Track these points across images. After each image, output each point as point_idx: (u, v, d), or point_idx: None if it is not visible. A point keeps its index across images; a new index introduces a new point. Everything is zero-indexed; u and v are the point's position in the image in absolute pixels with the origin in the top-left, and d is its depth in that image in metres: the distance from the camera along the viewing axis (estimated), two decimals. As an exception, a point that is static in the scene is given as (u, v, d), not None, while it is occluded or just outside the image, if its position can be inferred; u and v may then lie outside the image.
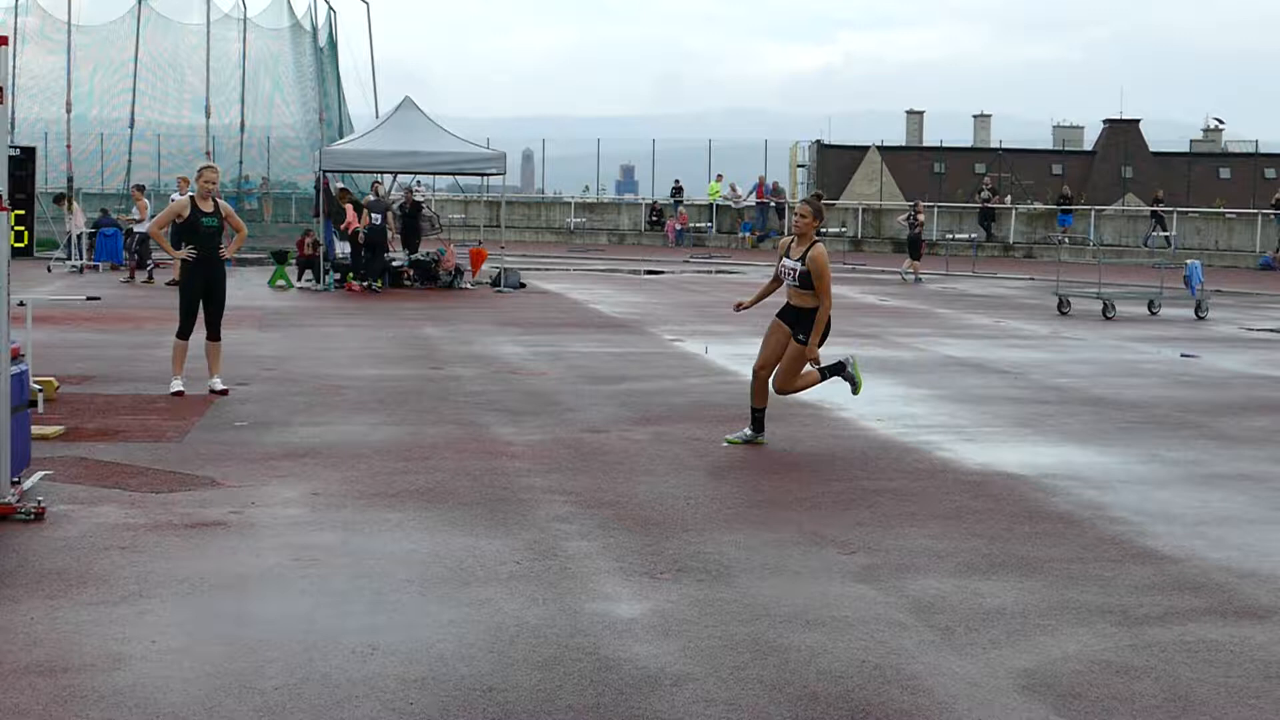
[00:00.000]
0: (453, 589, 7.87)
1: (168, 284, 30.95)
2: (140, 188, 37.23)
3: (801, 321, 12.35)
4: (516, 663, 6.65)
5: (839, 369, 12.67)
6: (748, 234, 55.75)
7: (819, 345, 12.35)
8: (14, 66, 38.57)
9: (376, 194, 32.60)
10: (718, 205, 57.95)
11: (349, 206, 32.15)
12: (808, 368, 12.42)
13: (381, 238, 31.32)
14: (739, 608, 7.59)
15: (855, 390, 12.85)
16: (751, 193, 57.74)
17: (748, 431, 12.53)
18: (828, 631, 7.19)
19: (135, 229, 34.36)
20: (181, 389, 14.64)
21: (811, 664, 6.69)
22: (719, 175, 59.23)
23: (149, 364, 17.24)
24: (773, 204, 56.99)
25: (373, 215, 31.12)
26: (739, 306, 13.34)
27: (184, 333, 14.82)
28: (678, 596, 7.79)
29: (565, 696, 6.22)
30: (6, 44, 9.59)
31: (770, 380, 12.48)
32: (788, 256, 12.47)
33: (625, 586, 7.98)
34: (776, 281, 12.77)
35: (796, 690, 6.34)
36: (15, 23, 46.10)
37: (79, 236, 36.50)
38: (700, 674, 6.52)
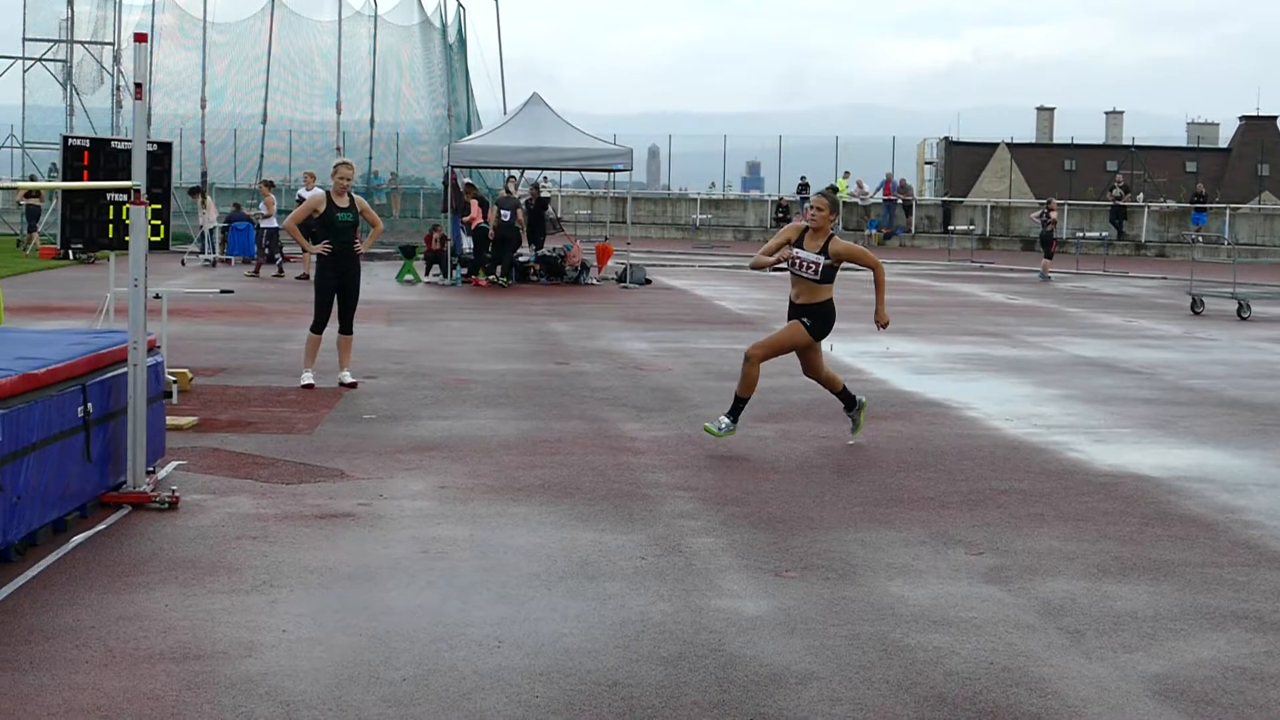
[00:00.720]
0: (578, 583, 7.89)
1: (297, 278, 31.37)
2: (268, 183, 37.74)
3: (806, 313, 12.16)
4: (642, 658, 6.65)
5: (852, 403, 12.50)
6: (874, 231, 55.41)
7: (825, 334, 12.32)
8: (151, 63, 39.28)
9: (508, 191, 32.79)
10: (844, 202, 57.67)
11: (474, 202, 32.38)
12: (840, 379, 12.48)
13: (512, 233, 31.50)
14: (865, 607, 7.55)
15: (854, 430, 12.52)
16: (878, 190, 57.40)
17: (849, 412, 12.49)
18: (955, 632, 7.12)
19: (262, 223, 34.83)
20: (311, 381, 14.82)
21: (939, 665, 6.63)
22: (846, 172, 58.95)
23: (279, 357, 17.47)
24: (900, 201, 56.61)
25: (502, 211, 31.31)
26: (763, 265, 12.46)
27: (318, 326, 14.98)
28: (803, 594, 7.75)
29: (690, 693, 6.21)
30: (145, 41, 9.76)
31: (808, 373, 12.47)
32: (801, 247, 12.05)
33: (750, 583, 7.96)
34: (773, 252, 12.23)
35: (924, 691, 6.29)
36: (153, 20, 46.91)
37: (211, 230, 37.07)
38: (826, 673, 6.49)
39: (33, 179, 42.30)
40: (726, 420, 12.01)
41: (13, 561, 8.00)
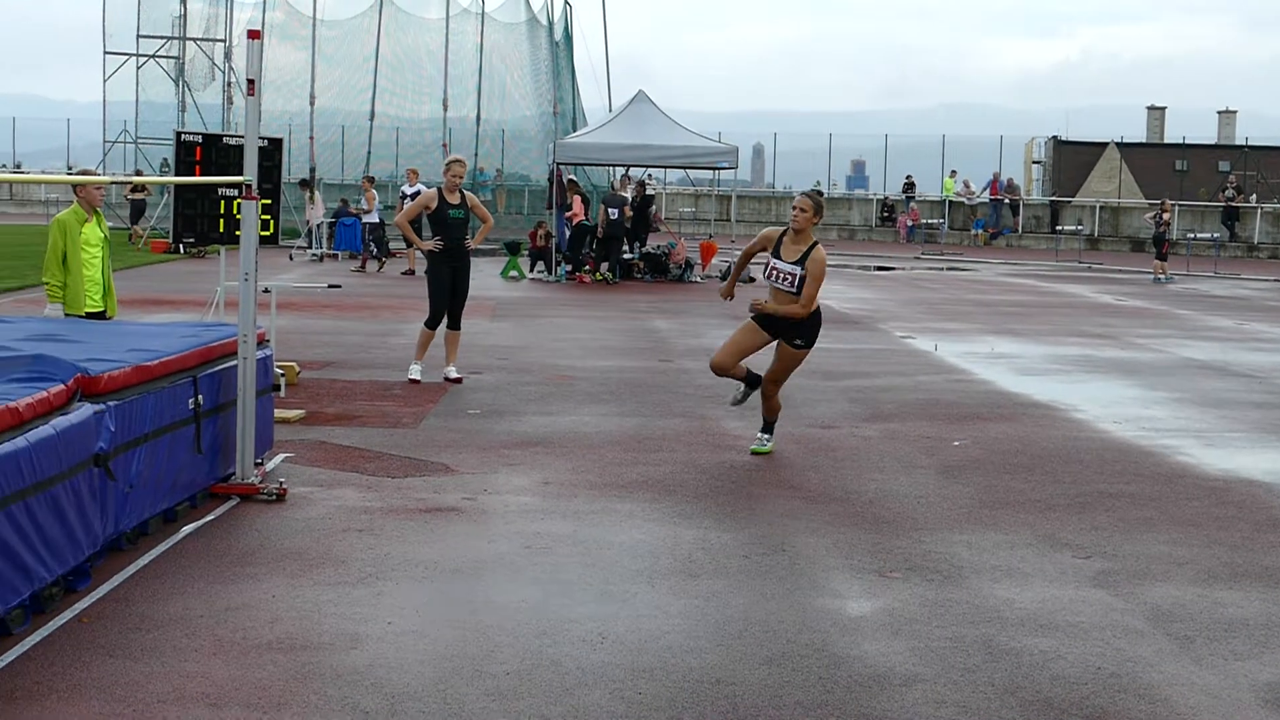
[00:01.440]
0: (681, 581, 7.89)
1: (402, 274, 31.59)
2: (370, 179, 38.01)
3: (791, 326, 11.32)
4: (745, 657, 6.64)
5: (755, 382, 11.71)
6: (981, 231, 54.96)
7: (814, 344, 11.55)
8: (262, 60, 39.66)
9: (613, 188, 32.84)
10: (950, 201, 57.24)
11: (576, 198, 32.47)
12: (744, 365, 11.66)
13: (619, 231, 31.56)
14: (970, 609, 7.49)
15: (737, 401, 12.01)
16: (985, 189, 56.91)
17: (743, 389, 11.84)
18: (1062, 637, 7.04)
19: (364, 219, 35.11)
20: (418, 376, 14.91)
21: (1045, 669, 6.56)
22: (953, 171, 58.50)
23: (385, 351, 17.60)
24: (1006, 201, 56.11)
25: (610, 209, 31.38)
26: (728, 295, 12.47)
27: (433, 322, 15.05)
28: (907, 595, 7.71)
29: (793, 692, 6.19)
30: (259, 38, 9.87)
31: (763, 388, 11.62)
32: (779, 257, 11.20)
33: (854, 584, 7.92)
34: (746, 257, 12.01)
35: (1029, 695, 6.23)
36: (264, 18, 47.43)
37: (318, 226, 37.42)
38: (930, 675, 6.44)
39: (139, 173, 42.88)
40: (765, 436, 11.67)
41: (124, 550, 8.12)
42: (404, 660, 6.49)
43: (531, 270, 33.17)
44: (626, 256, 32.44)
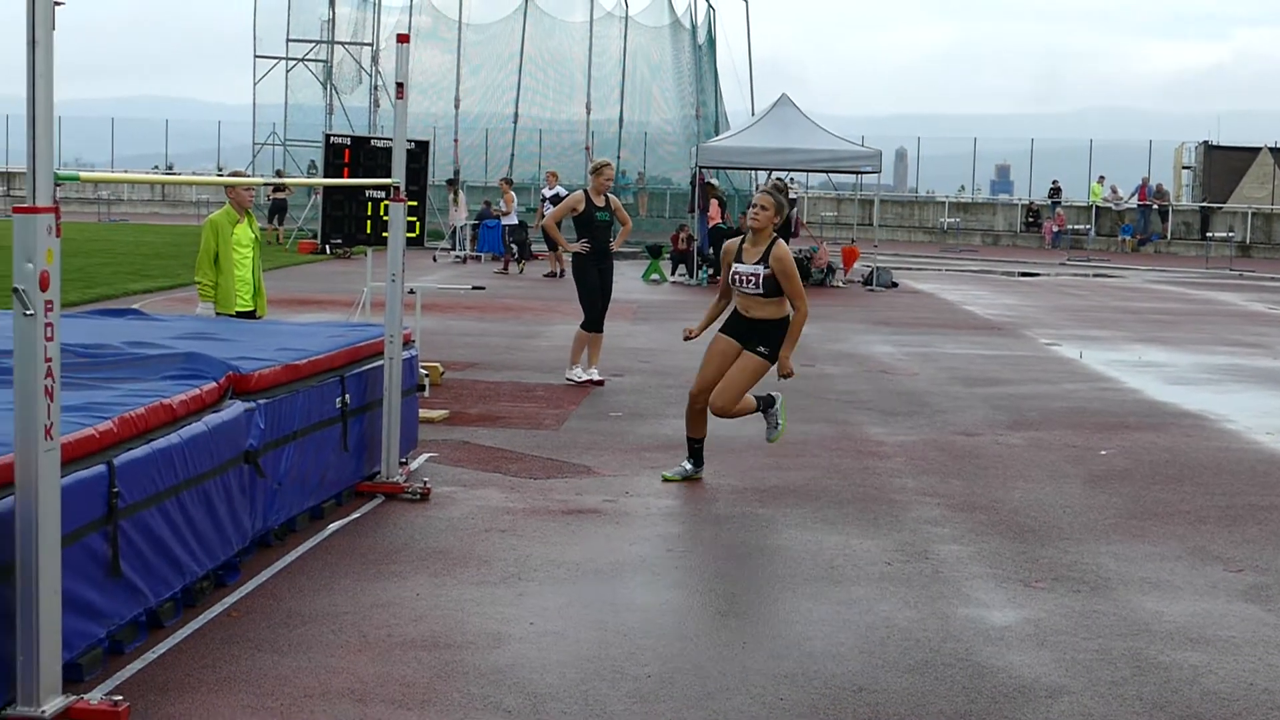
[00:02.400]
0: (824, 587, 7.84)
1: (545, 276, 31.78)
2: (508, 181, 38.34)
3: (759, 333, 10.33)
4: (887, 664, 6.58)
5: (769, 403, 10.70)
6: (1128, 237, 54.11)
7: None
8: (409, 63, 40.10)
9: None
10: (1098, 207, 56.43)
11: (714, 201, 32.49)
12: (749, 394, 10.47)
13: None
14: (1117, 621, 7.36)
15: (772, 435, 10.77)
16: (1133, 195, 56.02)
17: (687, 466, 10.52)
18: (1213, 651, 6.90)
19: (504, 221, 35.38)
20: (578, 378, 14.96)
21: (1195, 684, 6.44)
22: (1100, 177, 57.63)
23: (528, 353, 17.72)
24: (1155, 207, 55.19)
25: (752, 215, 31.41)
26: (689, 335, 10.85)
27: (591, 324, 15.10)
28: (1053, 606, 7.60)
29: (936, 701, 6.13)
30: (407, 41, 9.97)
31: (710, 401, 10.39)
32: (740, 261, 10.29)
33: (999, 593, 7.83)
34: (725, 298, 10.64)
35: (1179, 710, 6.11)
36: (410, 22, 47.97)
37: (461, 227, 37.77)
38: (1076, 687, 6.35)
39: (279, 174, 43.53)
40: (688, 464, 10.49)
41: (272, 546, 8.24)
42: (546, 660, 6.52)
43: (673, 273, 33.21)
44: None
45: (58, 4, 5.09)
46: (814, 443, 12.20)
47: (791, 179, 41.04)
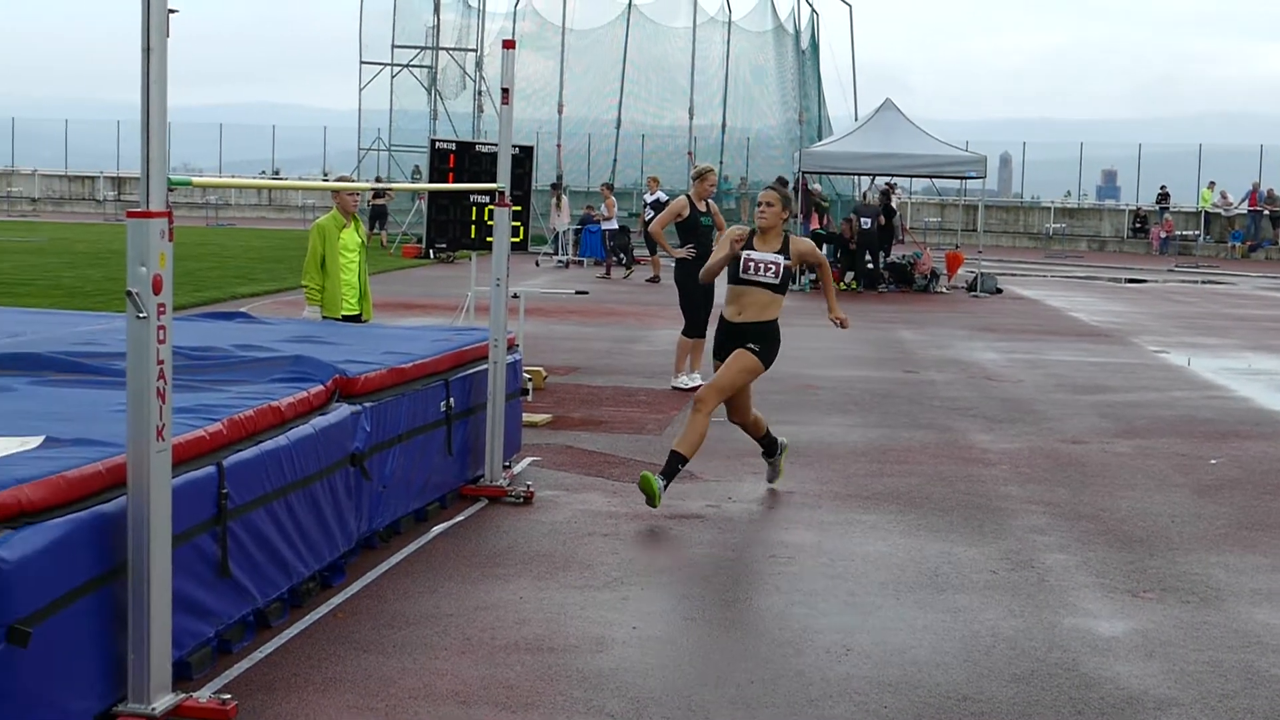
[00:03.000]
0: (928, 594, 7.79)
1: (646, 281, 31.81)
2: (608, 186, 38.38)
3: (750, 336, 9.97)
4: (992, 673, 6.53)
5: (774, 449, 10.45)
6: (1238, 243, 53.33)
7: (773, 362, 10.13)
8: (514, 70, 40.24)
9: (866, 199, 32.71)
10: (1207, 213, 55.67)
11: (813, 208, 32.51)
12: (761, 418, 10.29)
13: (871, 241, 31.44)
14: (1227, 633, 7.25)
15: (774, 478, 10.43)
16: (1244, 200, 55.20)
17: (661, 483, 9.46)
18: (1326, 664, 6.78)
19: (604, 226, 35.48)
20: (685, 385, 14.96)
21: (1308, 697, 6.33)
22: (1211, 182, 56.85)
23: (630, 357, 17.74)
24: (1266, 213, 54.35)
25: (862, 219, 31.29)
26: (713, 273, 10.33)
27: (692, 330, 15.11)
28: (1161, 617, 7.50)
29: (1043, 712, 6.07)
30: (513, 48, 10.02)
31: (697, 395, 10.03)
32: (752, 249, 9.96)
33: (1106, 603, 7.74)
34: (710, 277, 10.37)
35: (1291, 724, 6.01)
36: (514, 28, 48.22)
37: (564, 232, 37.91)
38: (1186, 700, 6.26)
39: (379, 180, 43.89)
40: (661, 481, 9.48)
41: (377, 548, 8.30)
42: (648, 665, 6.52)
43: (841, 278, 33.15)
44: (870, 265, 32.21)
45: (172, 12, 5.16)
46: (917, 449, 12.12)
47: (894, 184, 40.86)
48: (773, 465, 10.57)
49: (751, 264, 9.93)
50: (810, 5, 50.87)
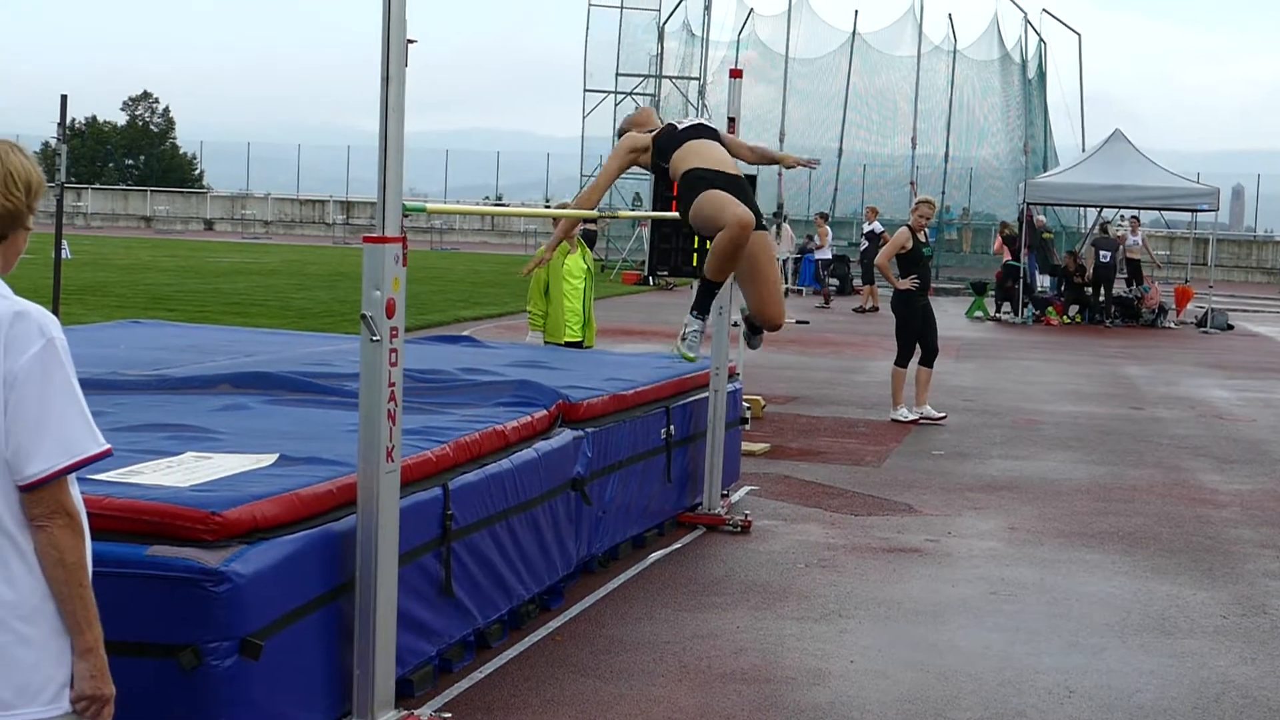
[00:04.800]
0: (1154, 638, 7.59)
1: (860, 310, 31.61)
2: (823, 215, 38.26)
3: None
4: (1222, 722, 6.34)
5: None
6: None
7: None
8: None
9: (1105, 231, 32.16)
10: None
11: (999, 238, 32.03)
12: None
13: (1109, 274, 30.92)
14: None
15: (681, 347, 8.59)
16: None
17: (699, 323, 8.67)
18: None
19: (817, 255, 35.37)
20: (905, 418, 14.83)
21: None
22: None
23: (849, 388, 17.63)
24: None
25: (1101, 252, 30.81)
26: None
27: (906, 360, 15.04)
28: (1403, 670, 7.21)
29: (1276, 764, 5.87)
30: (740, 77, 10.06)
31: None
32: None
33: (1343, 653, 7.46)
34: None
35: None
36: (737, 56, 48.37)
37: (784, 260, 37.87)
38: None
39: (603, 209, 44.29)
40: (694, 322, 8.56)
41: (595, 573, 8.35)
42: (866, 699, 6.46)
43: (997, 310, 32.67)
44: (1101, 300, 31.59)
45: (411, 41, 5.27)
46: (1144, 488, 11.84)
47: (1121, 216, 40.05)
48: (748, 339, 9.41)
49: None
50: (1038, 34, 50.13)
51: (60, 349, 3.20)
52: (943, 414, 15.04)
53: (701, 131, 8.64)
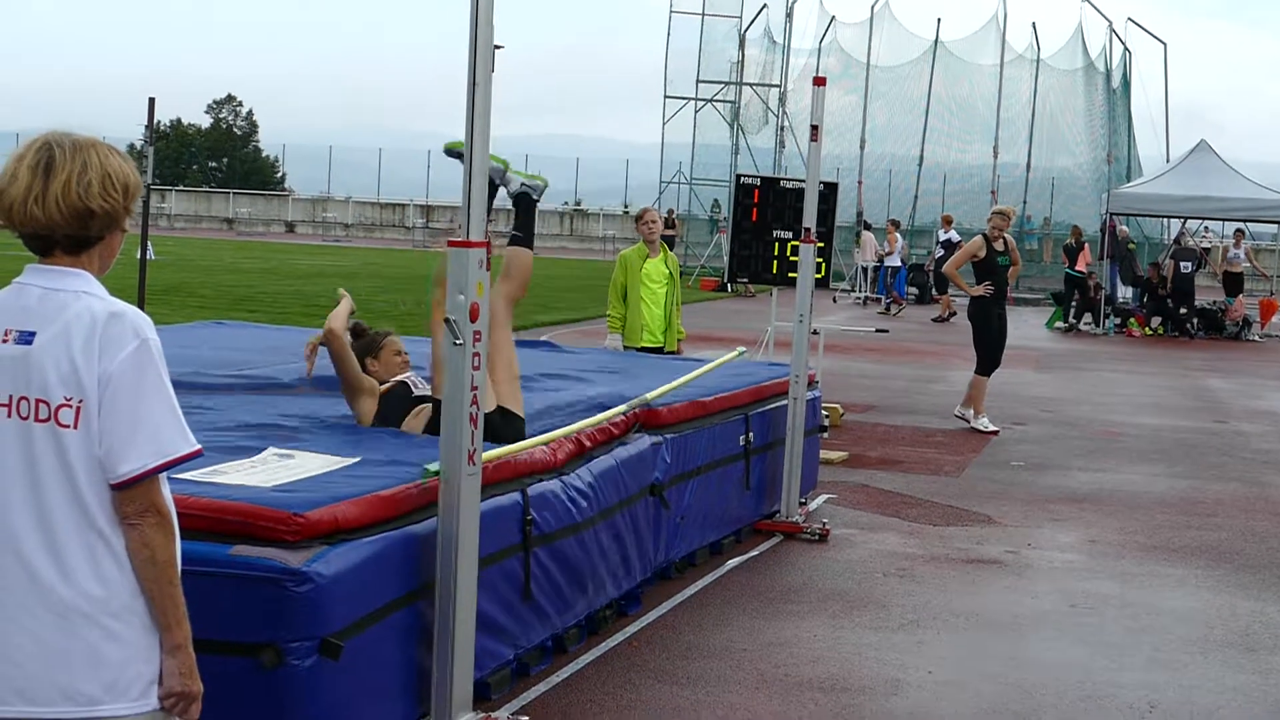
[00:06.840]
0: (1237, 654, 7.51)
1: (937, 319, 31.46)
2: (894, 222, 38.12)
3: None
4: (1306, 741, 6.26)
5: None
6: None
7: None
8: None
9: (1180, 243, 31.88)
10: None
11: (1063, 250, 31.86)
12: None
13: (1189, 286, 30.63)
14: None
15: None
16: None
17: None
18: None
19: (887, 263, 35.30)
20: (986, 428, 14.74)
21: None
22: None
23: (928, 397, 17.54)
24: None
25: (1182, 264, 30.54)
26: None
27: (987, 368, 14.94)
28: None
29: (1361, 784, 5.79)
30: (824, 84, 10.04)
31: None
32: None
33: None
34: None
35: None
36: (818, 64, 48.23)
37: (864, 269, 37.75)
38: None
39: (670, 212, 44.27)
40: None
41: (672, 579, 8.35)
42: (943, 711, 6.43)
43: (1079, 321, 32.41)
44: (1183, 312, 31.29)
45: (498, 47, 5.30)
46: (1228, 502, 11.71)
47: (1206, 228, 39.67)
48: None
49: None
50: (1123, 43, 49.72)
51: (154, 350, 3.23)
52: (995, 428, 14.85)
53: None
